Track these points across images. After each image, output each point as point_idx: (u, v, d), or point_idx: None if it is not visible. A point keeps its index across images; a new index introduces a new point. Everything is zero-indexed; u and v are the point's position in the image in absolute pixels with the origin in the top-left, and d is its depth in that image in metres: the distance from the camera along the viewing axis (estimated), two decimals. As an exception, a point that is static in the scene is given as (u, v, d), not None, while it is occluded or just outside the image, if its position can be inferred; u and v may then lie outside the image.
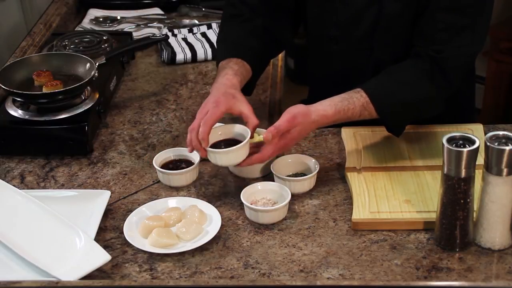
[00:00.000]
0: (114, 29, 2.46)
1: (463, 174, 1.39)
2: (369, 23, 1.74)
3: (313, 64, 1.94)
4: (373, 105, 1.63)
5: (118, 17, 2.52)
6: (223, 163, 1.59)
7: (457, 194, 1.40)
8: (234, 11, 1.85)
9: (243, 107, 1.61)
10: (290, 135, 1.58)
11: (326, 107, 1.62)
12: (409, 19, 1.70)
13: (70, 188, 1.69)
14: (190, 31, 2.41)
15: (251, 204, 1.55)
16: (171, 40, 2.32)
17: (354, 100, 1.63)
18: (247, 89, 1.79)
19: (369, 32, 1.75)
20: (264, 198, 1.59)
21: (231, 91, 1.63)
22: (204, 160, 1.73)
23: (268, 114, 2.01)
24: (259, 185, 1.61)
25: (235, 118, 1.70)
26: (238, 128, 1.62)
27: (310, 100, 2.10)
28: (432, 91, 1.66)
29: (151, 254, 1.48)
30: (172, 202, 1.61)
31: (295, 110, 1.59)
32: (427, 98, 1.67)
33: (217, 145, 1.60)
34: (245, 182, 1.66)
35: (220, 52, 1.81)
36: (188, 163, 1.70)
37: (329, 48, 1.83)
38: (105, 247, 1.48)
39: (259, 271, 1.43)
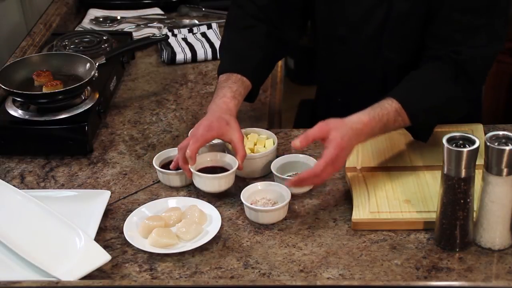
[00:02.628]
0: (114, 29, 2.46)
1: (463, 174, 1.39)
2: (378, 23, 1.73)
3: (320, 63, 1.94)
4: (405, 111, 1.60)
5: (118, 17, 2.52)
6: (206, 188, 1.61)
7: (457, 194, 1.40)
8: (239, 12, 1.82)
9: (234, 136, 1.61)
10: (342, 158, 1.55)
11: (363, 118, 1.57)
12: (419, 19, 1.69)
13: (70, 188, 1.69)
14: (190, 31, 2.41)
15: (251, 204, 1.55)
16: (171, 40, 2.32)
17: (387, 106, 1.59)
18: (249, 97, 1.79)
19: (377, 31, 1.74)
20: (264, 198, 1.59)
21: (226, 117, 1.63)
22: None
23: (268, 114, 2.01)
24: (259, 185, 1.61)
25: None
26: (227, 158, 1.65)
27: (318, 99, 2.09)
28: (458, 93, 1.64)
29: (151, 254, 1.47)
30: (172, 202, 1.61)
31: (343, 133, 1.54)
32: (454, 100, 1.64)
33: (204, 170, 1.63)
34: (245, 182, 1.66)
35: (222, 63, 1.79)
36: (188, 163, 1.70)
37: (337, 48, 1.82)
38: (105, 247, 1.48)
39: (259, 271, 1.43)
